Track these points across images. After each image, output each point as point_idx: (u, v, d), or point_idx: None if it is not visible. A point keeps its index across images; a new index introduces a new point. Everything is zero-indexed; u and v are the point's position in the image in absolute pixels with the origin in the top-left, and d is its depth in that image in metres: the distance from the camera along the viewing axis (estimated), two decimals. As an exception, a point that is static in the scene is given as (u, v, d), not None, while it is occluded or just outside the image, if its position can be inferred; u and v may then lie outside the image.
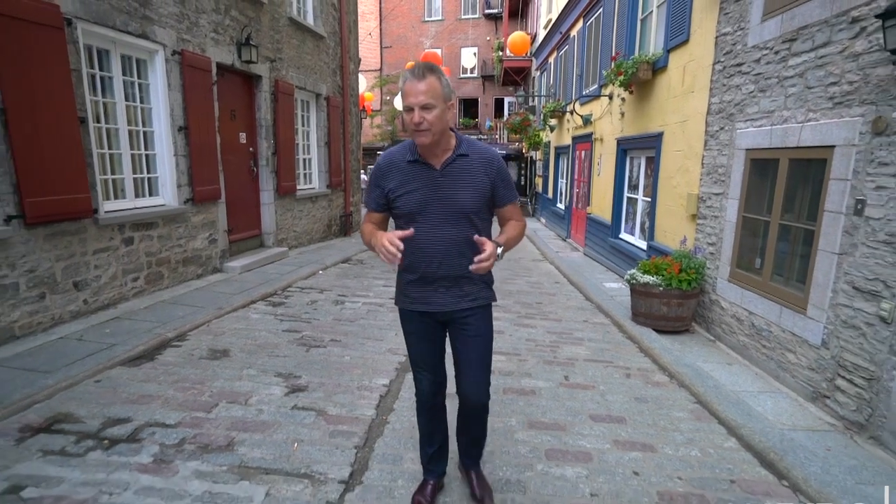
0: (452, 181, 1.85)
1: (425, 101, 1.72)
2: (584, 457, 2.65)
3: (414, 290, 1.97)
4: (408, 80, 1.74)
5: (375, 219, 1.99)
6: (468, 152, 1.88)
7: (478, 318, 2.00)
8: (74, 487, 2.25)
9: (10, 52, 3.60)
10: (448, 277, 1.92)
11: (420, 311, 1.99)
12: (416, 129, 1.74)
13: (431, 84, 1.72)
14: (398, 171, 1.89)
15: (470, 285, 1.97)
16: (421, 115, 1.72)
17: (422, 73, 1.72)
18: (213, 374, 3.49)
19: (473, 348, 2.01)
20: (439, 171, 1.86)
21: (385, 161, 1.94)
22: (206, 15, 5.82)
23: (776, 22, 3.89)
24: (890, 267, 2.86)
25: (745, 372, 4.03)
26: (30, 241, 3.89)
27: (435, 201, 1.85)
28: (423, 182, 1.86)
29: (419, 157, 1.86)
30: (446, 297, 1.95)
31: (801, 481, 2.44)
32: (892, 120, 2.85)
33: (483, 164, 1.88)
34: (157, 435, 2.70)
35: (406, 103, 1.74)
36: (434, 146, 1.82)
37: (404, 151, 1.91)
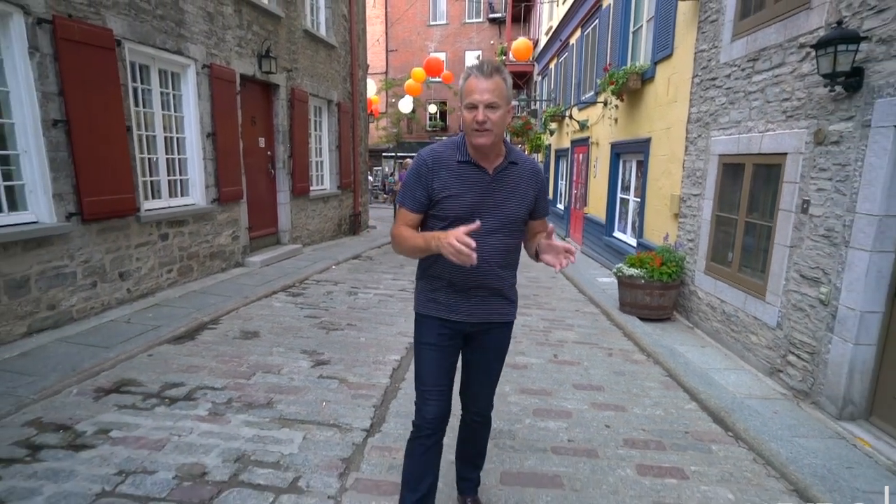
0: (503, 188, 1.77)
1: (491, 100, 1.64)
2: (565, 414, 3.17)
3: (444, 296, 1.85)
4: (473, 77, 1.66)
5: (412, 220, 1.81)
6: (517, 161, 1.82)
7: (502, 332, 1.94)
8: (149, 431, 2.79)
9: (73, 72, 4.15)
10: (485, 288, 1.83)
11: (444, 319, 1.85)
12: (478, 127, 1.65)
13: (498, 83, 1.65)
14: (446, 171, 1.75)
15: (502, 299, 1.89)
16: (485, 114, 1.64)
17: (489, 71, 1.65)
18: (248, 351, 4.03)
19: (493, 360, 1.96)
20: (492, 176, 1.76)
21: (432, 158, 1.78)
22: (231, 31, 6.38)
23: (743, 42, 4.40)
24: (828, 257, 3.36)
25: (716, 353, 4.53)
26: (85, 236, 4.44)
27: (485, 207, 1.75)
28: (475, 185, 1.75)
29: (471, 159, 1.76)
30: (479, 307, 1.85)
31: (741, 431, 2.95)
32: (829, 132, 3.35)
33: (531, 175, 1.83)
34: (209, 395, 3.24)
35: (470, 100, 1.66)
36: (489, 149, 1.72)
37: (453, 150, 1.78)
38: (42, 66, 3.94)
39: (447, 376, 1.89)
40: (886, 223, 2.95)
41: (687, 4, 5.43)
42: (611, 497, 2.36)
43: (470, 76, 1.68)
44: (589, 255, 9.32)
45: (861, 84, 3.08)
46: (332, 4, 9.28)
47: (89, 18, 4.33)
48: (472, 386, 1.99)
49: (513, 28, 22.52)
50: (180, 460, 2.52)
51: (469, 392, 2.01)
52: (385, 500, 2.29)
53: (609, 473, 2.55)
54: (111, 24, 4.54)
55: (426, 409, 1.86)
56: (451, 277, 1.81)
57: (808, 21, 3.56)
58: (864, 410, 3.19)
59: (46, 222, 4.09)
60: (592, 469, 2.58)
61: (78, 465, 2.46)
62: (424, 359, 1.89)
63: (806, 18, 3.58)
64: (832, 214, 3.33)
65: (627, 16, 7.63)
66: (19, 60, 3.83)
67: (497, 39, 25.33)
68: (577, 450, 2.76)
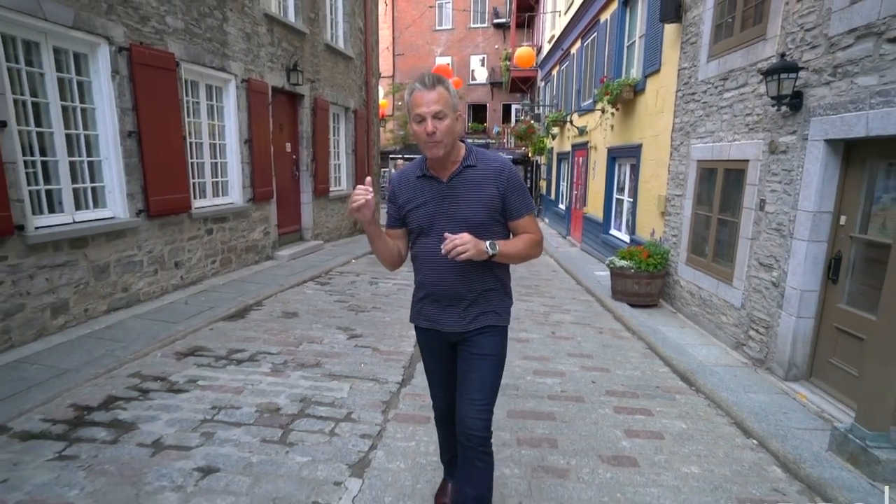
0: (458, 193, 1.79)
1: (437, 110, 1.68)
2: (559, 374, 3.88)
3: (425, 307, 1.92)
4: (417, 91, 1.70)
5: (392, 235, 1.94)
6: (476, 163, 1.81)
7: (487, 338, 1.87)
8: (227, 381, 3.51)
9: (144, 91, 4.89)
10: (457, 296, 1.83)
11: (430, 329, 1.93)
12: (428, 139, 1.69)
13: (441, 93, 1.69)
14: (409, 187, 1.85)
15: (482, 305, 1.86)
16: (434, 125, 1.68)
17: (432, 82, 1.69)
18: (292, 327, 4.76)
19: (476, 368, 1.85)
20: (445, 183, 1.80)
21: (397, 177, 1.92)
22: (264, 48, 7.12)
23: (716, 63, 5.09)
24: (778, 247, 4.05)
25: (693, 332, 5.22)
26: (150, 230, 5.18)
27: (442, 215, 1.79)
28: (431, 196, 1.81)
29: (427, 172, 1.83)
30: (454, 316, 1.86)
31: (701, 386, 3.65)
32: (779, 143, 4.05)
33: (493, 174, 1.80)
34: (268, 358, 3.96)
35: (417, 112, 1.69)
36: (444, 158, 1.76)
37: (415, 167, 1.88)
38: (121, 87, 4.69)
39: (447, 375, 2.00)
40: (819, 218, 3.64)
41: (672, 27, 6.13)
42: (592, 426, 3.07)
43: (414, 91, 1.71)
44: (587, 251, 10.01)
45: (801, 105, 3.77)
46: (350, 19, 10.03)
47: (156, 44, 5.08)
48: (460, 393, 1.88)
49: (517, 33, 23.21)
50: (257, 400, 3.25)
51: (460, 406, 1.85)
52: (419, 427, 3.00)
53: (591, 412, 3.26)
54: (172, 48, 5.29)
55: (435, 401, 2.11)
56: (425, 287, 1.89)
57: (764, 50, 4.26)
58: (806, 372, 3.88)
59: (121, 218, 4.84)
60: (579, 409, 3.29)
61: (180, 402, 3.19)
62: (425, 362, 2.09)
63: (763, 48, 4.28)
64: (781, 211, 4.02)
65: (622, 32, 8.33)
66: (104, 82, 4.57)
67: (501, 44, 26.00)
68: (568, 397, 3.47)
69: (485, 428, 1.80)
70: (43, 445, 2.66)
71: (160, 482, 2.39)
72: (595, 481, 2.51)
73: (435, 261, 1.79)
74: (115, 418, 2.96)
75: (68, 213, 4.36)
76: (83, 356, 3.75)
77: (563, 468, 2.61)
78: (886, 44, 3.02)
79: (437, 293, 1.86)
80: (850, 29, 3.29)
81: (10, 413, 2.93)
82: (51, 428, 2.83)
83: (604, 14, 9.28)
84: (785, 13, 4.01)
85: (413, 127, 1.73)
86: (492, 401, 1.86)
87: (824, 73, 3.55)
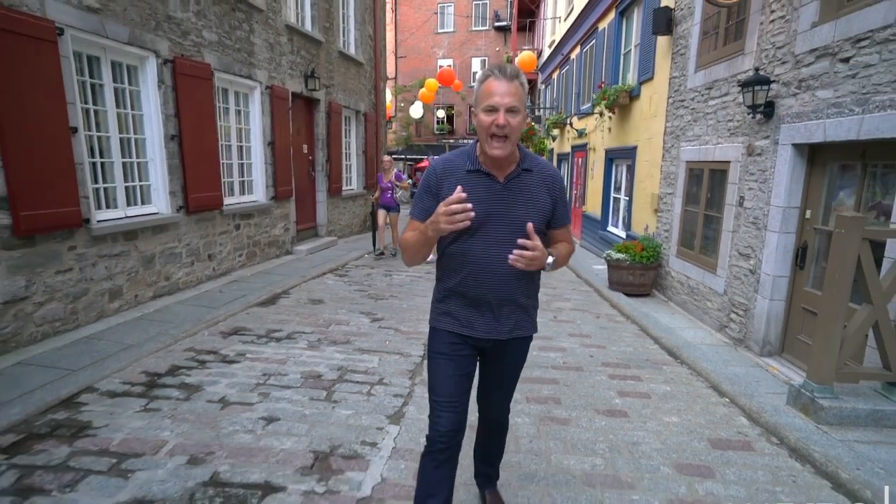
0: (515, 197, 1.70)
1: (512, 104, 1.57)
2: (561, 349, 4.40)
3: (459, 309, 1.78)
4: (493, 78, 1.59)
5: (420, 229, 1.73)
6: (532, 167, 1.73)
7: (520, 346, 1.86)
8: (272, 354, 4.03)
9: (185, 98, 5.40)
10: (500, 302, 1.75)
11: (459, 334, 1.79)
12: (498, 132, 1.58)
13: (518, 88, 1.58)
14: (456, 180, 1.68)
15: (520, 313, 1.80)
16: (506, 118, 1.57)
17: (512, 73, 1.59)
18: (319, 311, 5.27)
19: (508, 375, 1.90)
20: (502, 184, 1.69)
21: (442, 167, 1.75)
22: (285, 56, 7.64)
23: (703, 74, 5.61)
24: (755, 238, 4.57)
25: (682, 318, 5.74)
26: (188, 224, 5.70)
27: (496, 217, 1.68)
28: (485, 194, 1.67)
29: (481, 167, 1.70)
30: (494, 323, 1.76)
31: (686, 359, 4.17)
32: (755, 146, 4.57)
33: (547, 182, 1.75)
34: (303, 337, 4.48)
35: (490, 103, 1.58)
36: (504, 158, 1.66)
37: (463, 159, 1.73)
38: (165, 95, 5.20)
39: (461, 388, 1.79)
40: (788, 212, 4.16)
41: (664, 39, 6.65)
42: (589, 389, 3.59)
43: (489, 77, 1.60)
44: (587, 247, 10.53)
45: (773, 113, 4.30)
46: (361, 27, 10.55)
47: (194, 56, 5.60)
48: (488, 397, 1.95)
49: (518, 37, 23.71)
50: (301, 369, 3.76)
51: (484, 401, 1.98)
52: (442, 389, 3.52)
53: (589, 378, 3.78)
54: (208, 58, 5.81)
55: (440, 421, 1.76)
56: (464, 290, 1.75)
57: (743, 63, 4.78)
58: (778, 348, 4.40)
59: (165, 213, 5.35)
60: (579, 376, 3.81)
61: (234, 370, 3.71)
62: (438, 369, 1.81)
63: (742, 61, 4.80)
64: (757, 207, 4.55)
65: (619, 40, 8.86)
66: (151, 91, 5.09)
67: (502, 47, 26.49)
68: (569, 367, 3.99)
69: (508, 414, 2.07)
70: (128, 401, 3.17)
71: (234, 427, 2.90)
72: (592, 427, 3.03)
73: (482, 263, 1.69)
74: (183, 382, 3.48)
75: (121, 208, 4.88)
76: (141, 334, 4.27)
77: (565, 418, 3.13)
78: (839, 63, 3.54)
79: (480, 297, 1.74)
80: (812, 49, 3.81)
81: (94, 377, 3.44)
82: (131, 388, 3.35)
83: (602, 23, 9.80)
84: (760, 31, 4.53)
85: (481, 117, 1.61)
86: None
87: (791, 86, 4.08)
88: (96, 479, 2.38)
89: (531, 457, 2.69)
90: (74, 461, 2.51)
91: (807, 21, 3.89)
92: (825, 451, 2.65)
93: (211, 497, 2.29)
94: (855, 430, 2.87)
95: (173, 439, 2.75)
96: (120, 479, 2.39)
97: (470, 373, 1.84)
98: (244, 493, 2.32)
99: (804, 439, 2.77)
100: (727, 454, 2.77)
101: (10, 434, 2.73)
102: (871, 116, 3.26)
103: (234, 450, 2.67)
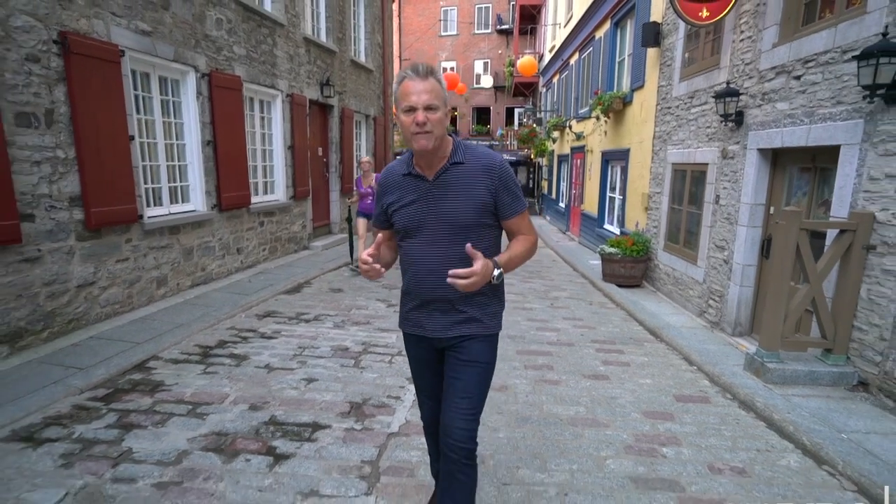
0: (445, 192, 1.70)
1: (429, 101, 1.60)
2: (556, 330, 4.99)
3: (412, 312, 1.83)
4: (409, 79, 1.62)
5: (384, 235, 1.86)
6: (464, 160, 1.72)
7: (476, 344, 1.79)
8: (304, 332, 4.64)
9: (219, 107, 6.03)
10: (444, 300, 1.73)
11: (416, 335, 1.84)
12: (418, 130, 1.61)
13: (434, 85, 1.61)
14: (395, 186, 1.78)
15: (470, 310, 1.76)
16: (425, 115, 1.59)
17: (425, 72, 1.62)
18: (340, 298, 5.88)
19: (461, 375, 1.77)
20: (432, 181, 1.72)
21: (384, 176, 1.85)
22: (303, 66, 8.26)
23: (686, 84, 6.20)
24: (728, 232, 5.15)
25: (668, 305, 6.32)
26: (220, 221, 6.32)
27: (428, 215, 1.70)
28: (417, 195, 1.72)
29: (413, 170, 1.74)
30: (441, 321, 1.76)
31: (665, 337, 4.76)
32: (728, 150, 5.15)
33: (483, 172, 1.71)
34: (329, 318, 5.09)
35: (408, 103, 1.61)
36: (432, 154, 1.67)
37: (401, 164, 1.79)
38: (202, 105, 5.83)
39: (436, 384, 1.89)
40: (755, 209, 4.74)
41: (653, 50, 7.23)
42: (578, 359, 4.19)
43: (405, 79, 1.63)
44: (584, 244, 11.11)
45: (742, 121, 4.88)
46: (370, 36, 11.17)
47: (226, 69, 6.22)
48: (446, 403, 1.78)
49: (520, 40, 24.29)
50: (330, 343, 4.37)
51: (443, 413, 1.78)
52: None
53: (579, 351, 4.38)
54: (238, 71, 6.43)
55: (423, 410, 1.99)
56: (412, 293, 1.80)
57: (718, 76, 5.37)
58: (748, 329, 4.98)
59: (201, 211, 5.97)
60: (570, 350, 4.41)
61: (274, 343, 4.32)
62: (413, 369, 1.98)
63: (717, 75, 5.39)
64: (730, 204, 5.13)
65: (614, 49, 9.44)
66: (191, 102, 5.71)
67: (505, 50, 27.04)
68: (562, 343, 4.59)
69: (469, 439, 1.72)
70: (189, 367, 3.78)
71: (281, 385, 3.51)
72: (578, 387, 3.63)
73: (420, 264, 1.73)
74: (232, 353, 4.09)
75: (166, 206, 5.50)
76: (188, 316, 4.88)
77: (556, 380, 3.73)
78: (793, 80, 4.13)
79: (423, 297, 1.76)
80: (772, 66, 4.40)
81: (157, 348, 4.06)
82: (189, 357, 3.96)
83: (598, 31, 10.39)
84: (732, 49, 5.12)
85: (401, 118, 1.64)
86: (478, 410, 1.77)
87: (757, 98, 4.66)
88: (179, 419, 3.00)
89: (527, 406, 3.29)
90: (159, 407, 3.13)
91: (768, 42, 4.48)
92: (766, 402, 3.23)
93: (272, 432, 2.90)
94: (794, 387, 3.46)
95: (234, 393, 3.36)
96: (198, 419, 3.00)
97: (436, 366, 1.87)
98: (298, 429, 2.93)
99: (752, 394, 3.36)
100: (687, 405, 3.36)
101: (101, 389, 3.35)
102: (815, 126, 3.85)
103: (285, 401, 3.28)
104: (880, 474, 2.46)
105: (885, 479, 2.41)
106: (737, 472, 2.57)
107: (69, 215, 4.16)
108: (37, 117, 3.84)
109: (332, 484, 2.43)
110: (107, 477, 2.42)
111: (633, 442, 2.86)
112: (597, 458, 2.69)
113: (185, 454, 2.63)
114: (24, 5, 3.70)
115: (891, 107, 3.17)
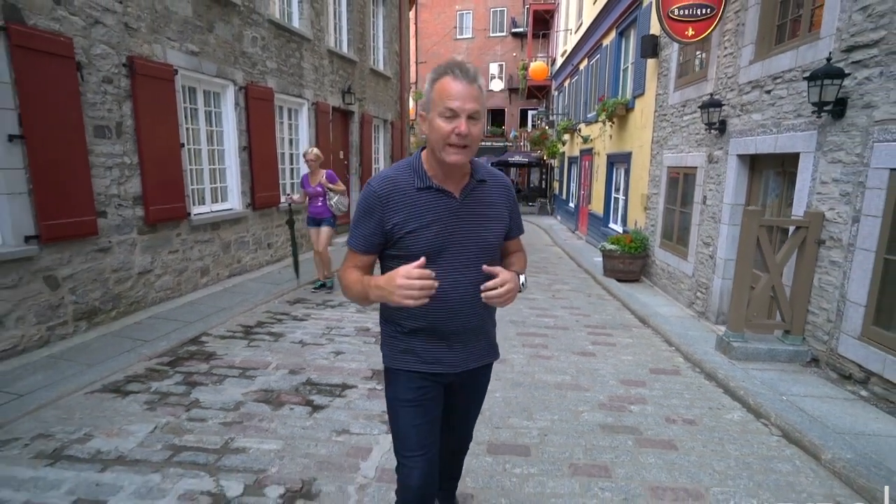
0: (475, 212, 1.52)
1: (474, 110, 1.37)
2: (554, 317, 5.56)
3: (422, 344, 1.57)
4: (453, 78, 1.36)
5: (362, 263, 1.55)
6: (486, 177, 1.56)
7: (486, 375, 1.75)
8: (330, 316, 5.28)
9: (254, 116, 6.72)
10: (467, 330, 1.57)
11: (425, 373, 1.59)
12: (458, 142, 1.37)
13: (479, 92, 1.39)
14: (404, 202, 1.46)
15: (486, 339, 1.67)
16: (468, 126, 1.36)
17: (474, 74, 1.38)
18: (361, 289, 6.51)
19: (475, 403, 1.79)
20: (459, 200, 1.50)
21: (384, 187, 1.47)
22: (327, 76, 8.94)
23: (679, 93, 6.70)
24: (713, 230, 5.66)
25: (662, 298, 6.83)
26: (254, 219, 7.02)
27: (457, 238, 1.49)
28: (442, 214, 1.47)
29: (432, 183, 1.48)
30: (462, 354, 1.59)
31: (652, 324, 5.29)
32: (714, 155, 5.66)
33: (502, 192, 1.60)
34: (352, 306, 5.72)
35: (449, 107, 1.36)
36: (459, 169, 1.48)
37: (408, 174, 1.50)
38: (239, 114, 6.52)
39: (432, 436, 1.63)
40: (735, 209, 5.24)
41: (652, 61, 7.74)
42: (571, 340, 4.75)
43: (447, 76, 1.38)
44: (591, 242, 11.61)
45: (725, 130, 5.39)
46: (388, 45, 11.83)
47: (260, 82, 6.92)
48: (453, 430, 1.78)
49: (533, 44, 24.76)
50: (354, 325, 5.01)
51: (449, 434, 1.79)
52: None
53: (572, 334, 4.94)
54: (270, 83, 7.13)
55: (412, 475, 1.59)
56: (429, 322, 1.54)
57: (706, 88, 5.87)
58: (729, 318, 5.48)
59: (238, 209, 6.67)
60: (565, 333, 4.98)
61: (304, 325, 4.97)
62: (404, 419, 1.61)
63: (705, 86, 5.89)
64: (715, 204, 5.63)
65: (619, 57, 9.94)
66: (230, 112, 6.41)
67: (519, 52, 27.49)
68: (558, 327, 5.16)
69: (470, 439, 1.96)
70: (235, 341, 4.45)
71: (314, 356, 4.15)
72: (567, 361, 4.20)
73: (446, 291, 1.46)
74: (269, 331, 4.75)
75: (208, 205, 6.20)
76: (228, 301, 5.57)
77: (549, 356, 4.31)
78: (765, 94, 4.64)
79: (448, 329, 1.55)
80: (749, 81, 4.91)
81: (205, 327, 4.73)
82: (234, 334, 4.63)
83: (605, 40, 10.89)
84: (717, 63, 5.63)
85: (436, 122, 1.39)
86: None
87: (737, 109, 5.17)
88: (232, 379, 3.65)
89: (521, 375, 3.87)
90: (215, 370, 3.79)
91: (746, 59, 4.98)
92: (727, 373, 3.76)
93: (309, 390, 3.53)
94: (755, 363, 3.98)
95: (275, 361, 4.01)
96: (248, 380, 3.65)
97: (438, 416, 1.66)
98: (330, 388, 3.57)
99: (716, 368, 3.89)
100: (660, 376, 3.91)
101: (165, 357, 4.03)
102: (781, 136, 4.36)
103: (317, 367, 3.92)
104: (802, 423, 2.99)
105: (806, 427, 2.94)
106: (688, 423, 3.13)
107: (133, 212, 4.87)
108: (110, 129, 4.55)
109: (359, 426, 3.05)
110: (183, 417, 3.08)
111: (606, 401, 3.43)
112: (575, 411, 3.27)
113: (241, 404, 3.28)
114: (102, 36, 4.41)
115: (836, 121, 3.68)
